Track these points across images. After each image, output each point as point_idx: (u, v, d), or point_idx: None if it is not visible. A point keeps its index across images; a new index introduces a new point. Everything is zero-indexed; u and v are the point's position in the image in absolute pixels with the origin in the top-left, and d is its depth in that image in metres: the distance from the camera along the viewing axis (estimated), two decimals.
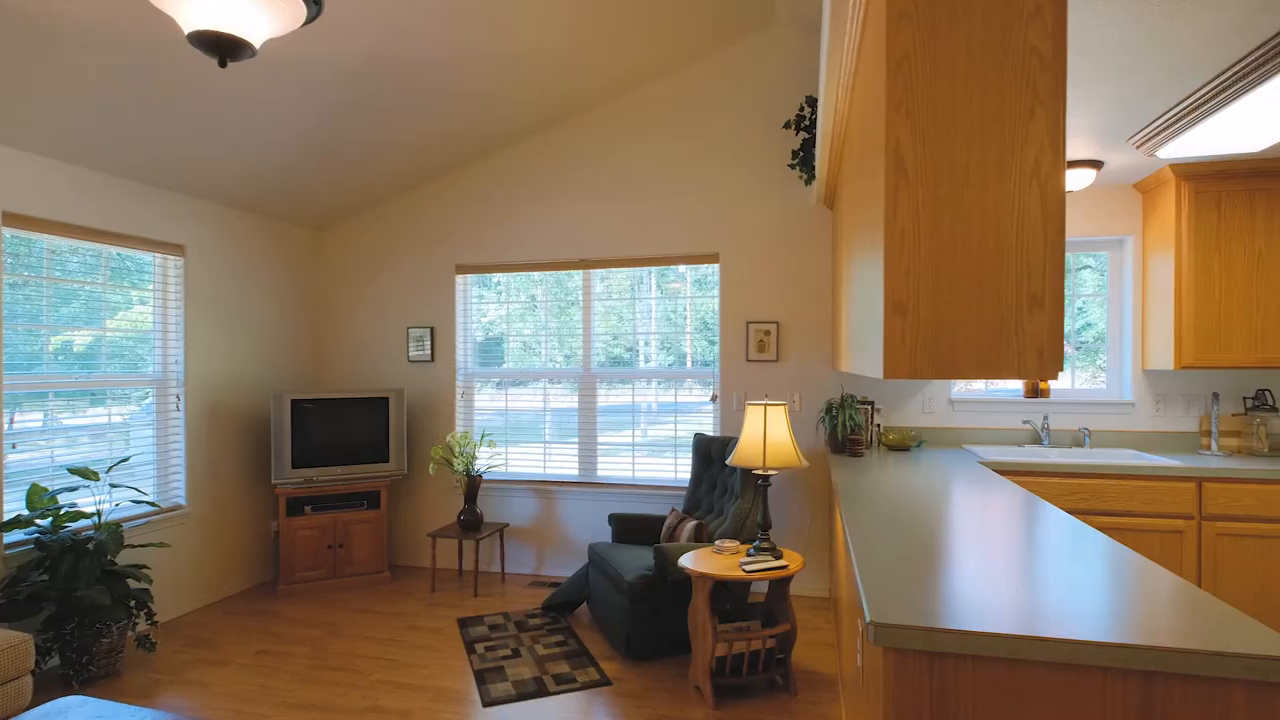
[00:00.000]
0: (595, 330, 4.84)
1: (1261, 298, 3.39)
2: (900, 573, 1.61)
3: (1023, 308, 1.43)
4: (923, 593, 1.47)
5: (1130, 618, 1.32)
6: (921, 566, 1.66)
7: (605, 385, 4.85)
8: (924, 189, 1.47)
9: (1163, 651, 1.20)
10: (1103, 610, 1.36)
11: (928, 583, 1.54)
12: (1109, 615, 1.34)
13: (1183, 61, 2.32)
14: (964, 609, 1.38)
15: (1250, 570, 3.14)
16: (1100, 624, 1.29)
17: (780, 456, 3.04)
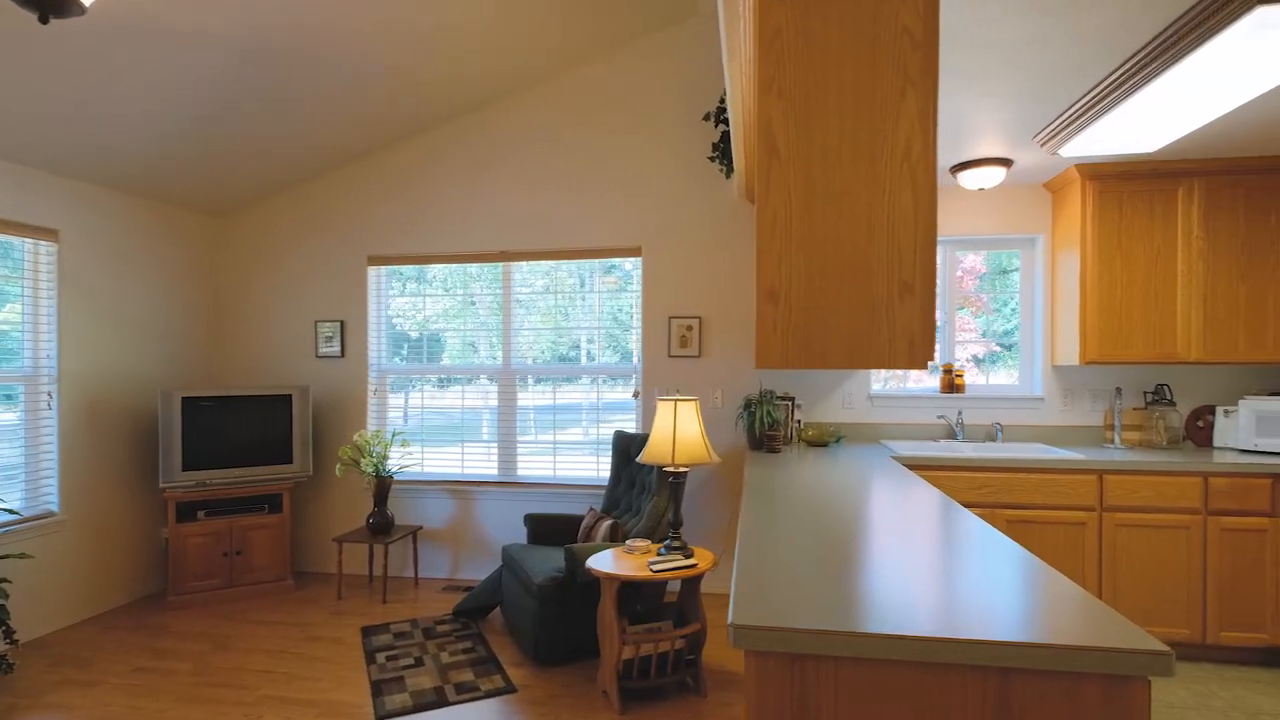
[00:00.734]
0: (516, 326, 4.68)
1: (1159, 295, 3.48)
2: (780, 571, 1.53)
3: (894, 295, 1.36)
4: (796, 591, 1.40)
5: (996, 614, 1.27)
6: (803, 564, 1.59)
7: (527, 383, 4.70)
8: (796, 171, 1.40)
9: (1018, 647, 1.14)
10: (971, 606, 1.31)
11: (804, 581, 1.46)
12: (975, 611, 1.28)
13: (1078, 59, 2.33)
14: (833, 607, 1.31)
15: (1146, 558, 3.22)
16: (965, 620, 1.24)
17: (690, 453, 2.96)
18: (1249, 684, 2.99)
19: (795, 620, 1.25)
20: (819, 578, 1.50)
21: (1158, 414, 3.68)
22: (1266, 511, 3.12)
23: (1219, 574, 3.15)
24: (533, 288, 4.65)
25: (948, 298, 4.18)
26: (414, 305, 4.86)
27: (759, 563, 1.62)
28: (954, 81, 2.57)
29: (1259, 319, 3.39)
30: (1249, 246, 3.40)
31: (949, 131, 3.10)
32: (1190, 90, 2.35)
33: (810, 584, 1.45)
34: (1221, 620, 3.16)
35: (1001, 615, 1.27)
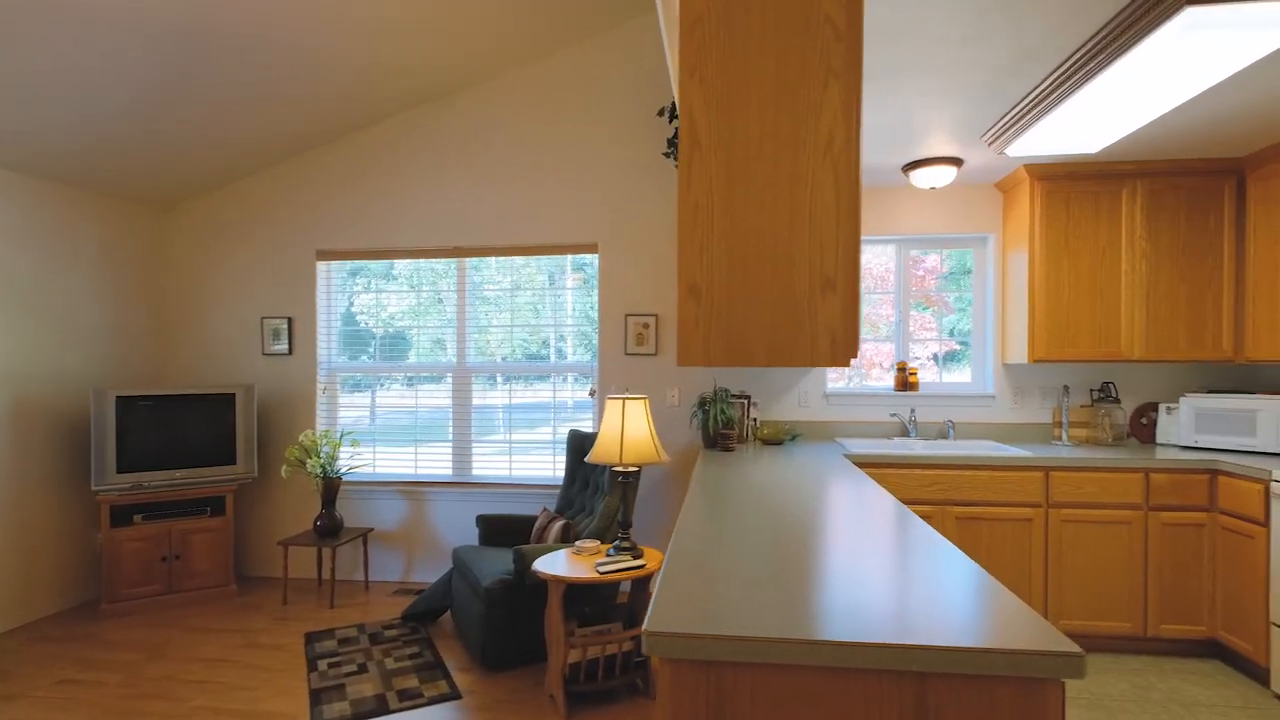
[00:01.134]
0: (473, 324, 4.59)
1: (1105, 294, 3.53)
2: (707, 573, 1.49)
3: (815, 291, 1.33)
4: (719, 595, 1.36)
5: (917, 617, 1.24)
6: (732, 566, 1.55)
7: (495, 381, 4.61)
8: (718, 161, 1.36)
9: (931, 651, 1.12)
10: (894, 610, 1.28)
11: (730, 584, 1.42)
12: (898, 615, 1.26)
13: (1019, 59, 2.34)
14: (755, 612, 1.27)
15: (1090, 554, 3.26)
16: (886, 624, 1.21)
17: (639, 452, 2.92)
18: (1186, 675, 3.05)
19: (715, 626, 1.21)
20: (746, 581, 1.46)
21: (1104, 411, 3.74)
22: (1204, 506, 3.18)
23: (1159, 568, 3.21)
24: (499, 285, 4.57)
25: (902, 296, 4.19)
26: (378, 303, 4.73)
27: (687, 565, 1.58)
28: (901, 79, 2.56)
29: (1198, 318, 3.46)
30: (1189, 247, 3.47)
31: (900, 130, 3.10)
32: (1127, 91, 2.37)
33: (736, 587, 1.42)
34: (1162, 613, 3.21)
35: (922, 618, 1.24)
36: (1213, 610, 3.17)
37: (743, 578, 1.47)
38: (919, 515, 3.35)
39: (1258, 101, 2.71)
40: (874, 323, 4.27)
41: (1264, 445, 3.26)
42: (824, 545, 1.74)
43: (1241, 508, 3.00)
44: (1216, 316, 3.45)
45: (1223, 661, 3.18)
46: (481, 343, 4.60)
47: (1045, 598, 3.28)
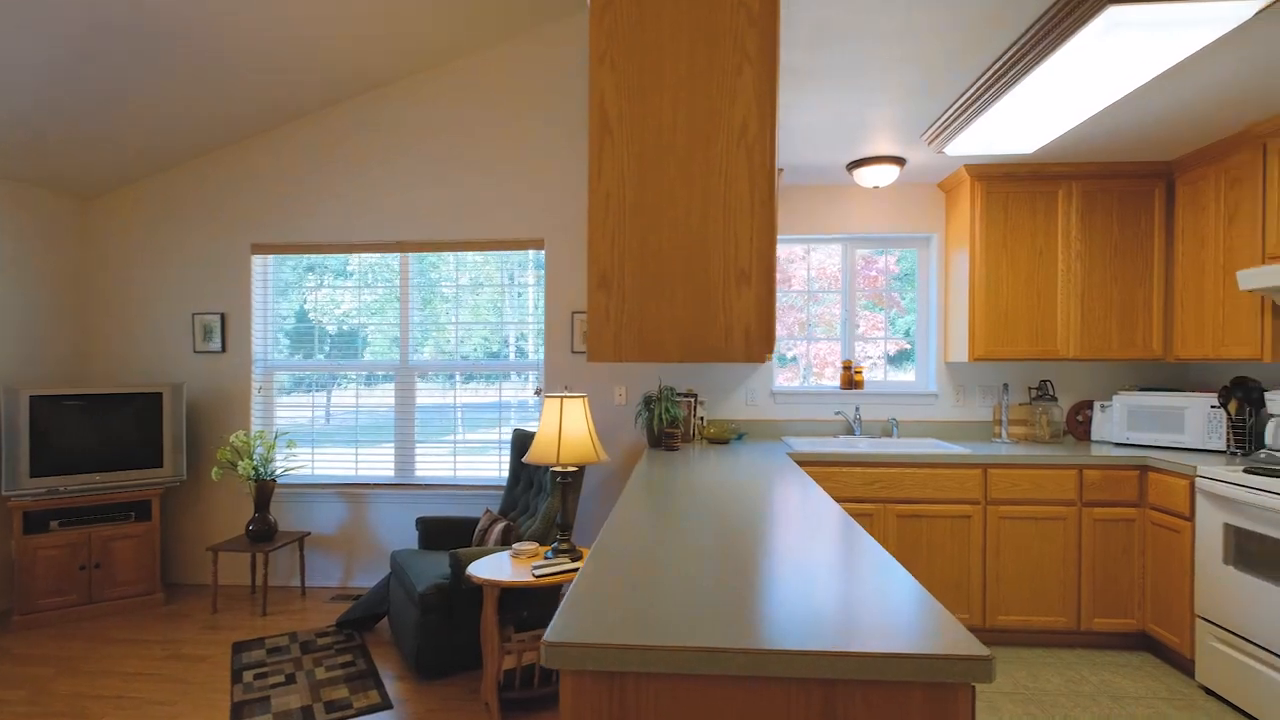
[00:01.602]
0: (429, 321, 4.47)
1: (1042, 294, 3.59)
2: (623, 579, 1.44)
3: (730, 284, 1.28)
4: (631, 602, 1.30)
5: (829, 622, 1.21)
6: (651, 571, 1.50)
7: (456, 380, 4.49)
8: (630, 149, 1.30)
9: (838, 658, 1.08)
10: (807, 614, 1.24)
11: (645, 590, 1.37)
12: (810, 620, 1.22)
13: (953, 57, 2.34)
14: (665, 620, 1.21)
15: (1027, 549, 3.31)
16: (796, 630, 1.17)
17: (577, 452, 2.85)
18: (1117, 668, 3.11)
19: (620, 634, 1.15)
20: (663, 586, 1.41)
21: (1041, 409, 3.80)
22: (1135, 502, 3.25)
23: (1092, 563, 3.27)
24: (458, 283, 4.44)
25: (849, 295, 4.21)
26: (332, 299, 4.56)
27: (605, 570, 1.52)
28: (844, 77, 2.55)
29: (1130, 318, 3.54)
30: (1121, 249, 3.55)
31: (843, 127, 3.10)
32: (1057, 92, 2.40)
33: (651, 593, 1.36)
34: (1095, 607, 3.27)
35: (838, 624, 1.20)
36: (1142, 604, 3.24)
37: (661, 583, 1.42)
38: (861, 513, 3.36)
39: (1183, 105, 2.77)
40: (829, 322, 4.28)
41: (1191, 441, 3.35)
42: (750, 549, 1.70)
43: (1169, 503, 3.07)
44: (1147, 316, 3.53)
45: (1152, 654, 3.26)
46: (442, 341, 4.47)
47: (984, 594, 3.32)
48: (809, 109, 2.87)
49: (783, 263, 4.28)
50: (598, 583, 1.42)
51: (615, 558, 1.61)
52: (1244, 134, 3.01)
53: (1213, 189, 3.21)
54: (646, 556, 1.61)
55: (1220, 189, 3.16)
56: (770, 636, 1.14)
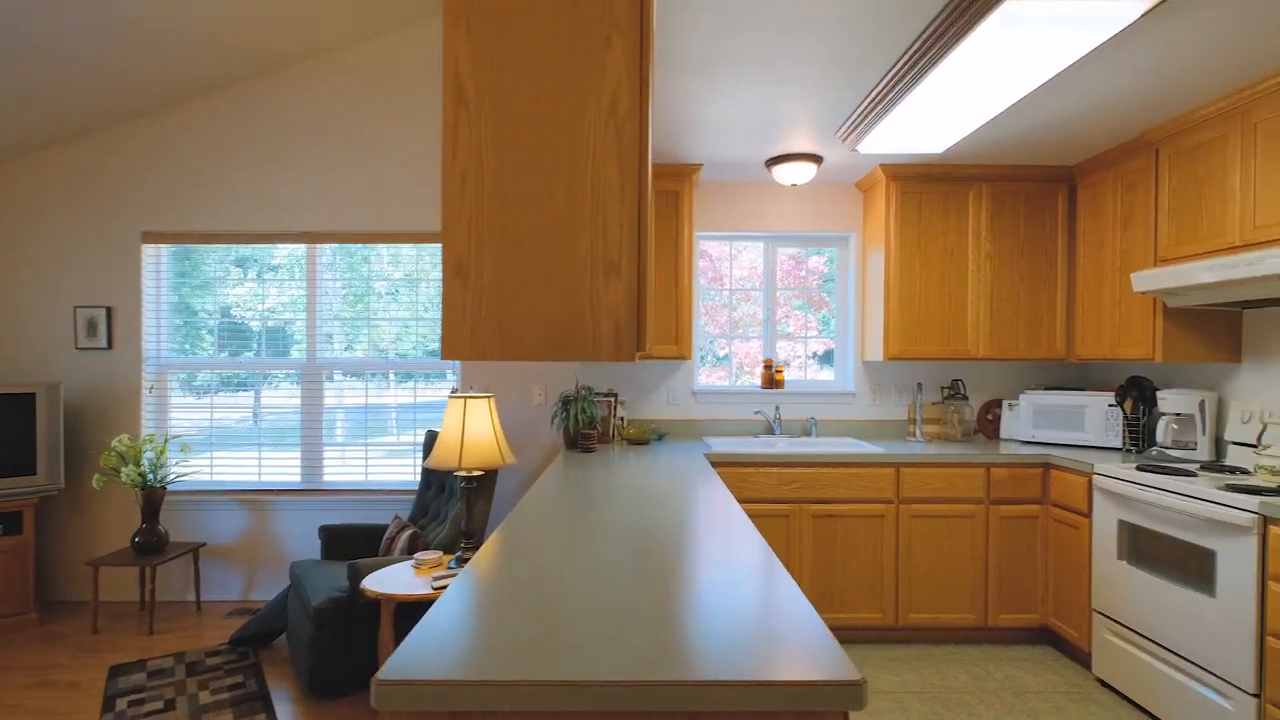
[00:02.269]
0: (323, 315, 4.23)
1: (953, 294, 3.65)
2: (488, 602, 1.33)
3: (598, 275, 1.19)
4: (488, 629, 1.19)
5: (705, 646, 1.13)
6: (520, 592, 1.39)
7: (387, 379, 4.26)
8: (489, 124, 1.19)
9: (708, 688, 1.00)
10: (682, 639, 1.16)
11: (509, 614, 1.26)
12: (683, 645, 1.13)
13: (862, 52, 2.32)
14: (524, 648, 1.11)
15: (938, 548, 3.34)
16: (667, 656, 1.08)
17: (482, 455, 2.71)
18: (1020, 663, 3.17)
19: (465, 667, 1.04)
20: (531, 606, 1.30)
21: (953, 408, 3.87)
22: (1038, 499, 3.33)
23: (999, 560, 3.33)
24: (370, 277, 4.21)
25: (770, 293, 4.19)
26: (255, 294, 4.26)
27: (474, 589, 1.40)
28: (753, 66, 2.49)
29: (1036, 318, 3.63)
30: (1027, 250, 3.63)
31: (759, 121, 3.06)
32: (962, 90, 2.40)
33: (515, 615, 1.25)
34: (1001, 603, 3.34)
35: (708, 647, 1.12)
36: (1044, 599, 3.32)
37: (530, 601, 1.32)
38: (778, 514, 3.33)
39: (1082, 110, 2.84)
40: (760, 320, 4.25)
41: (1091, 439, 3.45)
42: (640, 563, 1.61)
43: (1069, 500, 3.15)
44: (1051, 317, 3.63)
45: (1053, 648, 3.34)
46: (355, 338, 4.24)
47: (896, 593, 3.34)
48: (723, 101, 2.82)
49: (714, 260, 4.23)
50: (464, 603, 1.30)
51: (490, 574, 1.49)
52: (1138, 140, 3.11)
53: (1110, 193, 3.32)
54: (524, 572, 1.51)
55: (1117, 193, 3.27)
56: (637, 665, 1.05)
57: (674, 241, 3.70)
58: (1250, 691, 2.26)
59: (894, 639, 3.42)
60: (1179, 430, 3.11)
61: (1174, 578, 2.57)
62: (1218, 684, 2.38)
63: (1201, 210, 2.79)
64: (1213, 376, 3.14)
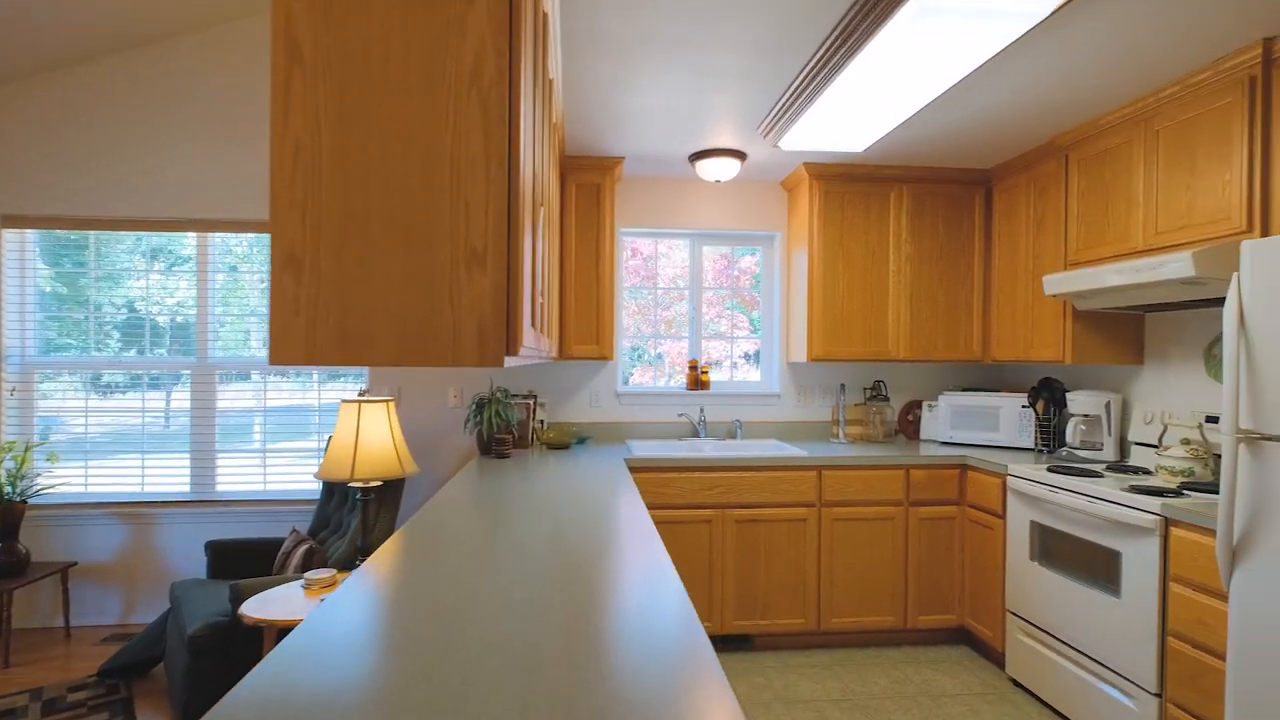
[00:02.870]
0: (215, 312, 3.88)
1: (875, 295, 3.63)
2: (350, 630, 1.15)
3: (459, 266, 1.03)
4: (334, 664, 1.02)
5: (558, 693, 0.98)
6: (392, 617, 1.22)
7: (233, 380, 3.92)
8: (328, 86, 1.01)
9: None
10: (545, 684, 1.01)
11: (365, 646, 1.09)
12: (536, 689, 0.99)
13: (780, 44, 2.23)
14: (362, 687, 0.94)
15: (859, 551, 3.31)
16: (513, 708, 0.93)
17: (378, 465, 2.50)
18: (938, 665, 3.17)
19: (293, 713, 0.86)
20: (386, 640, 1.13)
21: (875, 409, 3.86)
22: (955, 500, 3.34)
23: (918, 561, 3.33)
24: (268, 269, 3.89)
25: (696, 292, 4.10)
26: (164, 287, 3.86)
27: (324, 624, 1.22)
28: (670, 50, 2.37)
29: (954, 320, 3.66)
30: (946, 252, 3.65)
31: (683, 114, 2.95)
32: (879, 86, 2.35)
33: (358, 652, 1.08)
34: (920, 605, 3.33)
35: (563, 696, 0.98)
36: (961, 600, 3.33)
37: (387, 636, 1.14)
38: (700, 520, 3.23)
39: (998, 113, 2.85)
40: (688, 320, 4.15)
41: (1005, 440, 3.50)
42: (523, 591, 1.46)
43: (984, 501, 3.17)
44: (969, 319, 3.66)
45: (970, 648, 3.37)
46: (244, 335, 3.91)
47: (819, 597, 3.29)
48: (644, 90, 2.68)
49: (646, 259, 4.10)
50: (313, 638, 1.12)
51: (351, 603, 1.31)
52: (1049, 145, 3.15)
53: (1024, 197, 3.36)
54: (392, 600, 1.33)
55: (1030, 197, 3.31)
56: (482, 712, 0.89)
57: (595, 237, 3.55)
58: (1152, 691, 2.28)
59: (817, 644, 3.37)
60: (1086, 431, 3.17)
61: (1082, 578, 2.59)
62: (1123, 684, 2.40)
63: (1108, 215, 2.84)
64: (1118, 378, 3.22)
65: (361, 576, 1.48)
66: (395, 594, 1.36)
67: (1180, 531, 2.20)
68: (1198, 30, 2.17)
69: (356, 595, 1.36)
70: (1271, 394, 1.85)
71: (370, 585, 1.42)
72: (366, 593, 1.37)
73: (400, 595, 1.35)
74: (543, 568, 1.54)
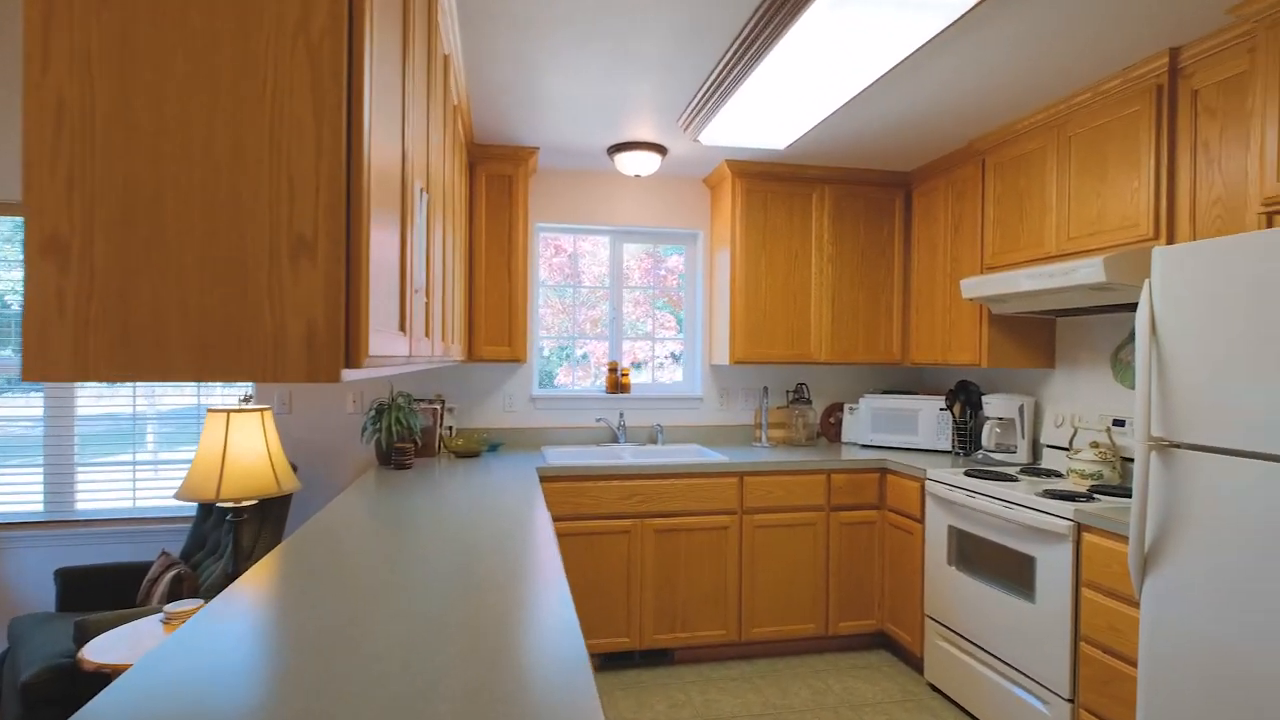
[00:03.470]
0: None
1: (797, 296, 3.57)
2: (181, 674, 0.92)
3: (281, 256, 0.82)
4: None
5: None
6: (225, 661, 0.99)
7: (94, 383, 3.48)
8: (105, 26, 0.79)
9: None
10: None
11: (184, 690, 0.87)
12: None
13: (698, 33, 2.09)
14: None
15: (780, 558, 3.24)
16: None
17: (250, 482, 2.22)
18: (859, 671, 3.13)
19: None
20: (221, 685, 0.91)
21: (798, 412, 3.81)
22: (875, 504, 3.31)
23: (839, 567, 3.28)
24: None
25: (616, 291, 3.94)
26: None
27: (148, 671, 0.98)
28: (590, 37, 2.19)
29: (875, 322, 3.64)
30: (868, 255, 3.63)
31: (601, 103, 2.78)
32: (799, 77, 2.25)
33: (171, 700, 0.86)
34: (841, 611, 3.29)
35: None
36: (882, 604, 3.31)
37: (220, 682, 0.92)
38: (619, 530, 3.08)
39: (918, 115, 2.81)
40: (610, 319, 3.97)
41: (924, 442, 3.50)
42: (386, 632, 1.25)
43: (904, 505, 3.15)
44: (889, 321, 3.65)
45: (890, 653, 3.35)
46: None
47: (740, 607, 3.20)
48: (556, 74, 2.50)
49: (571, 256, 3.91)
50: (122, 699, 0.88)
51: (193, 643, 1.07)
52: (967, 149, 3.16)
53: (942, 200, 3.36)
54: (230, 640, 1.10)
55: (948, 201, 3.32)
56: None
57: (507, 232, 3.34)
58: (1065, 697, 2.27)
59: (738, 654, 3.28)
60: (1001, 434, 3.19)
61: (998, 583, 2.58)
62: (1037, 689, 2.39)
63: (1023, 220, 2.85)
64: (1031, 382, 3.26)
65: (211, 611, 1.24)
66: (237, 636, 1.13)
67: (1092, 537, 2.19)
68: (1108, 37, 2.17)
69: (199, 632, 1.13)
70: (1182, 401, 1.84)
71: (216, 622, 1.19)
72: (209, 630, 1.14)
73: (240, 640, 1.13)
74: (420, 600, 1.34)
